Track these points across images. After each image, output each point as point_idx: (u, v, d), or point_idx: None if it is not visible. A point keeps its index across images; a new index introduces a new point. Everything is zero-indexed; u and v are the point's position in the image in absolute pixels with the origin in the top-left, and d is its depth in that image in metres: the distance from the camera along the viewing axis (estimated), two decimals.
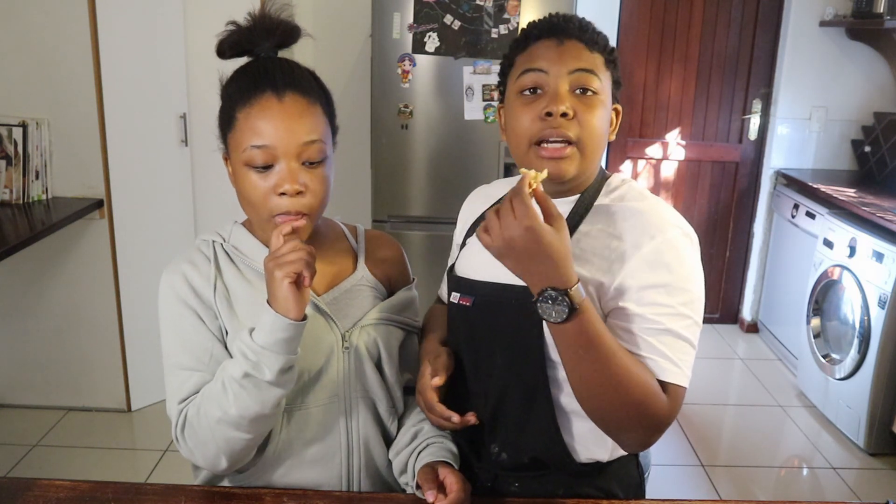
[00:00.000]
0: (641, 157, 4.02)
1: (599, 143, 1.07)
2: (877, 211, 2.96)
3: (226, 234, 1.18)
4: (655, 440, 1.04)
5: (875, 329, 2.82)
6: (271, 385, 1.00)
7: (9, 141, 2.72)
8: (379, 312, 1.19)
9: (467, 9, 3.10)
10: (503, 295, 1.08)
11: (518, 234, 0.90)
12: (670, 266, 1.02)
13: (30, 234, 2.47)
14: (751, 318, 4.13)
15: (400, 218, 3.34)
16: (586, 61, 1.05)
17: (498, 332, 1.10)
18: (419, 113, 3.22)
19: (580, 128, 1.04)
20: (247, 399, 1.01)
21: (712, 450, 2.96)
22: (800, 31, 3.71)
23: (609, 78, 1.09)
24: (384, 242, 1.31)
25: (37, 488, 1.10)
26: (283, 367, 1.00)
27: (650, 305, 1.01)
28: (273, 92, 1.06)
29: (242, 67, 1.12)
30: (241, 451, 1.07)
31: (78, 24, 2.67)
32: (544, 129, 1.04)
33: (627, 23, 3.81)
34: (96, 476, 1.32)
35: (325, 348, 1.14)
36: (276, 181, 1.05)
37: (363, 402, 1.17)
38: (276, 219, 1.06)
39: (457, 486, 1.05)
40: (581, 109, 1.04)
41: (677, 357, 1.01)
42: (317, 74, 1.15)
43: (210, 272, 1.12)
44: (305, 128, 1.07)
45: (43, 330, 2.96)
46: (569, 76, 1.05)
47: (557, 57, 1.06)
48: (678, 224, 1.06)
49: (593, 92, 1.05)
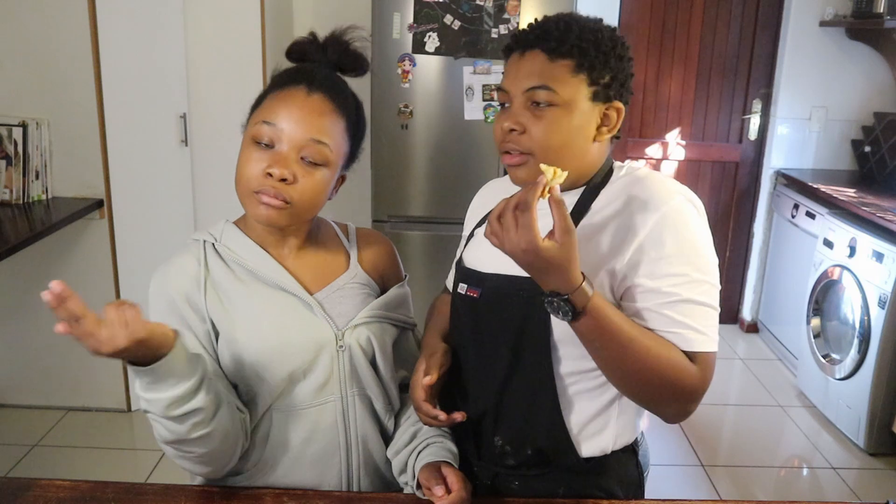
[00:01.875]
0: (641, 157, 4.02)
1: (555, 150, 1.06)
2: (877, 211, 2.95)
3: (217, 233, 1.17)
4: (694, 409, 1.08)
5: (875, 329, 2.82)
6: (167, 419, 0.98)
7: (9, 141, 2.72)
8: (372, 310, 1.19)
9: (467, 9, 3.10)
10: (510, 286, 1.09)
11: (518, 251, 0.92)
12: (678, 234, 1.03)
13: (30, 234, 2.47)
14: (751, 318, 4.13)
15: (400, 218, 3.34)
16: (541, 75, 1.05)
17: (504, 323, 1.11)
18: (419, 113, 3.22)
19: (530, 140, 1.07)
20: (160, 429, 1.00)
21: (712, 450, 2.96)
22: (800, 31, 3.71)
23: (583, 81, 1.06)
24: (376, 240, 1.31)
25: (37, 488, 1.10)
26: (169, 404, 0.95)
27: (664, 277, 1.02)
28: (306, 86, 1.10)
29: (294, 67, 1.17)
30: (209, 462, 1.07)
31: (78, 24, 2.68)
32: (505, 141, 1.09)
33: (627, 23, 3.81)
34: (96, 476, 1.32)
35: (320, 347, 1.14)
36: (269, 161, 1.07)
37: (360, 399, 1.18)
38: (257, 195, 1.07)
39: (458, 485, 1.06)
40: (531, 123, 1.06)
41: (700, 324, 1.03)
42: (362, 105, 1.19)
43: (200, 274, 1.11)
44: (318, 126, 1.08)
45: (43, 330, 2.96)
46: (523, 94, 1.07)
47: (516, 73, 1.08)
48: (681, 191, 1.07)
49: (548, 104, 1.06)
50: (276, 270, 1.14)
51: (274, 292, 1.13)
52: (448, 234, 3.22)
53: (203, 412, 0.99)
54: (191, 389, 0.97)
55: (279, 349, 1.11)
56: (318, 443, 1.15)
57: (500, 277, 1.11)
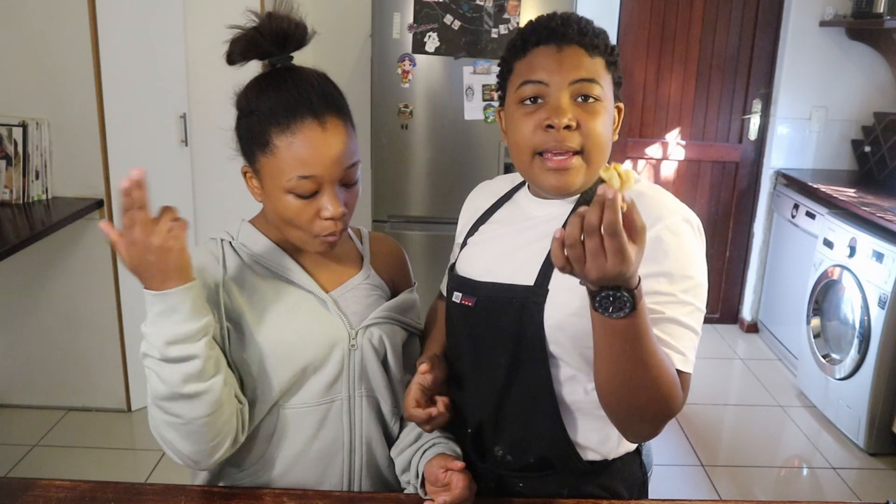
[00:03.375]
0: (641, 157, 4.02)
1: (604, 148, 1.06)
2: (877, 211, 2.96)
3: (234, 231, 1.19)
4: (661, 430, 1.02)
5: (875, 329, 2.82)
6: (163, 361, 0.99)
7: (9, 141, 2.72)
8: (384, 311, 1.20)
9: (467, 9, 3.10)
10: (505, 295, 1.08)
11: (612, 276, 0.82)
12: (670, 253, 1.00)
13: (30, 234, 2.47)
14: (751, 318, 4.13)
15: (400, 218, 3.34)
16: (586, 69, 1.03)
17: (500, 331, 1.09)
18: (419, 113, 3.22)
19: (584, 137, 1.02)
20: (154, 379, 1.01)
21: (712, 450, 2.96)
22: (800, 31, 3.71)
23: (610, 80, 1.07)
24: (388, 245, 1.33)
25: (37, 488, 1.10)
26: (168, 342, 0.98)
27: (651, 295, 0.98)
28: (314, 118, 1.06)
29: (267, 80, 1.10)
30: (193, 434, 1.03)
31: (78, 24, 2.67)
32: (547, 140, 1.03)
33: (627, 23, 3.81)
34: (96, 476, 1.32)
35: (334, 343, 1.14)
36: (321, 206, 1.07)
37: (367, 401, 1.18)
38: (321, 238, 1.10)
39: (462, 484, 1.05)
40: (584, 118, 1.02)
41: (681, 345, 1.00)
42: (328, 77, 1.14)
43: (218, 273, 1.13)
44: (348, 154, 1.09)
45: (43, 330, 2.96)
46: (570, 87, 1.03)
47: (557, 66, 1.03)
48: (678, 210, 1.05)
49: (595, 98, 1.03)
50: (293, 267, 1.16)
51: (290, 288, 1.15)
52: (448, 234, 3.20)
53: (200, 362, 0.99)
54: (194, 332, 0.99)
55: (294, 342, 1.12)
56: (323, 441, 1.16)
57: (495, 286, 1.10)
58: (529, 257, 1.09)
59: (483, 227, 1.21)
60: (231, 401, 1.07)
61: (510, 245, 1.14)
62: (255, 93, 1.09)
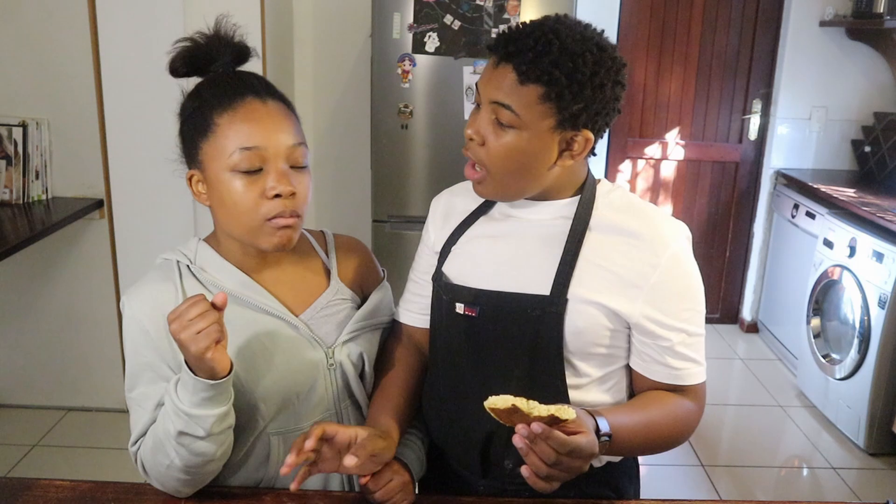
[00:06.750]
0: (641, 157, 4.02)
1: (513, 171, 1.04)
2: (877, 211, 2.96)
3: (191, 253, 1.13)
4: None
5: (875, 329, 2.82)
6: (207, 439, 0.99)
7: (9, 141, 2.72)
8: (356, 323, 1.17)
9: (467, 9, 3.09)
10: (515, 304, 1.06)
11: (581, 469, 0.93)
12: (681, 283, 1.06)
13: (30, 234, 2.47)
14: (751, 318, 4.13)
15: (400, 218, 3.34)
16: (508, 94, 1.00)
17: (514, 342, 1.07)
18: (419, 113, 3.21)
19: (487, 155, 1.04)
20: (186, 454, 1.00)
21: (712, 450, 2.96)
22: (800, 31, 3.71)
23: (550, 109, 1.00)
24: (352, 248, 1.27)
25: (37, 488, 1.10)
26: (217, 420, 0.99)
27: (671, 328, 1.06)
28: (255, 96, 1.06)
29: (209, 79, 1.10)
30: (203, 479, 1.07)
31: (78, 24, 2.67)
32: (466, 146, 1.08)
33: (627, 23, 3.81)
34: (96, 476, 1.31)
35: (312, 369, 1.12)
36: (268, 184, 1.03)
37: (353, 410, 1.18)
38: (271, 222, 1.04)
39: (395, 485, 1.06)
40: (492, 138, 1.03)
41: (699, 355, 1.09)
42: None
43: (176, 299, 1.07)
44: (291, 131, 1.06)
45: (43, 330, 2.96)
46: (489, 105, 1.02)
47: (487, 80, 1.03)
48: (674, 231, 1.07)
49: (509, 125, 1.01)
50: (259, 293, 1.11)
51: (258, 316, 1.10)
52: None
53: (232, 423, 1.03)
54: (230, 403, 1.01)
55: (278, 380, 1.09)
56: None
57: (502, 295, 1.08)
58: (536, 265, 1.08)
59: (468, 233, 1.17)
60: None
61: (508, 252, 1.11)
62: (199, 89, 1.10)
